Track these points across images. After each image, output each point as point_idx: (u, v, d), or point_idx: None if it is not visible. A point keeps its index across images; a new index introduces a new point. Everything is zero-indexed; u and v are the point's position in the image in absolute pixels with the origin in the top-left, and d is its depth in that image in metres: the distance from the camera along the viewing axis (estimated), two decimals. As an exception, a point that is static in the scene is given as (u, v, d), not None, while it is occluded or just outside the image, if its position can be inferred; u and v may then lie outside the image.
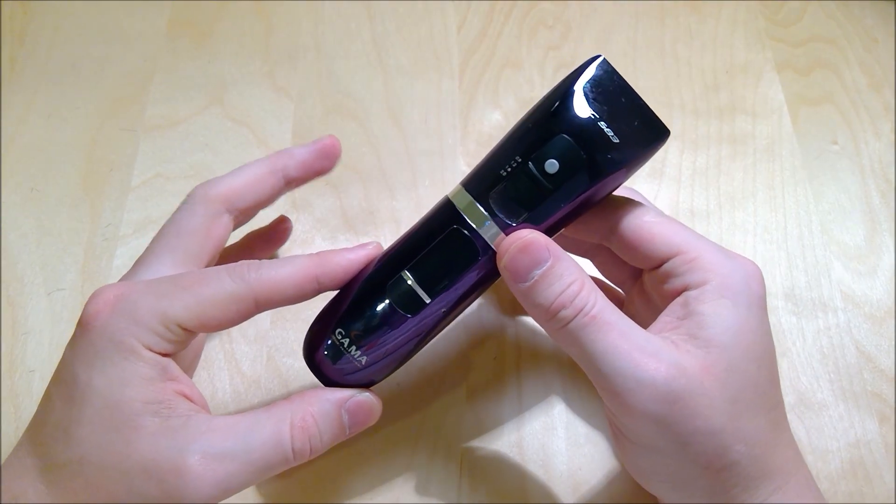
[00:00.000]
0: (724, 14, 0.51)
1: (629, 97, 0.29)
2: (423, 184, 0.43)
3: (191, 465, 0.26)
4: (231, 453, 0.26)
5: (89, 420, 0.26)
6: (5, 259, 0.40)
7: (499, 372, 0.37)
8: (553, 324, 0.28)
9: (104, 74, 0.47)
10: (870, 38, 0.50)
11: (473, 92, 0.47)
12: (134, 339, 0.27)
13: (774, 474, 0.28)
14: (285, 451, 0.27)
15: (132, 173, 0.43)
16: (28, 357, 0.37)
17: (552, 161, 0.28)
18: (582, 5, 0.51)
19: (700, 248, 0.29)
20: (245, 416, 0.28)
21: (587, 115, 0.28)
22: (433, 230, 0.30)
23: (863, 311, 0.40)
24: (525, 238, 0.28)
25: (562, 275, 0.27)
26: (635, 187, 0.44)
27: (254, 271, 0.28)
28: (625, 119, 0.28)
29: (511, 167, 0.29)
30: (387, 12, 0.50)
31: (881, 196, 0.44)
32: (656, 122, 0.29)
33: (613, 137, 0.28)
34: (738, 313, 0.28)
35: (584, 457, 0.35)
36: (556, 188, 0.28)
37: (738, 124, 0.46)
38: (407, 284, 0.29)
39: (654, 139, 0.29)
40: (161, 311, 0.27)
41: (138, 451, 0.26)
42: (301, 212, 0.42)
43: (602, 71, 0.29)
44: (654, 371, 0.26)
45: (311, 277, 0.29)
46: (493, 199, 0.29)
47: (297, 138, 0.45)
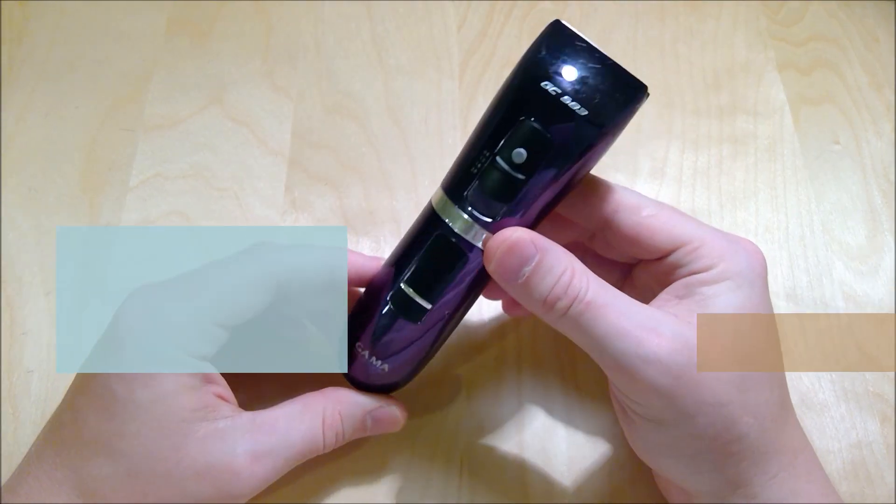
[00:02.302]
0: (724, 13, 0.51)
1: (594, 59, 0.26)
2: (422, 184, 0.43)
3: (241, 463, 0.27)
4: (275, 450, 0.28)
5: (135, 434, 0.27)
6: (4, 259, 0.40)
7: (499, 372, 0.37)
8: (551, 315, 0.27)
9: (104, 74, 0.47)
10: (871, 37, 0.49)
11: (473, 92, 0.47)
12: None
13: (783, 451, 0.28)
14: (318, 445, 0.30)
15: (131, 173, 0.43)
16: (27, 357, 0.37)
17: (519, 151, 0.27)
18: (582, 5, 0.51)
19: (703, 237, 0.29)
20: (283, 410, 0.30)
21: (547, 92, 0.26)
22: (420, 238, 0.29)
23: (864, 310, 0.40)
24: (509, 239, 0.27)
25: (552, 266, 0.27)
26: (636, 188, 0.44)
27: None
28: (592, 85, 0.26)
29: (481, 163, 0.27)
30: (387, 12, 0.50)
31: (883, 196, 0.44)
32: (629, 79, 0.26)
33: (581, 110, 0.26)
34: (741, 291, 0.28)
35: (584, 457, 0.35)
36: (529, 177, 0.27)
37: (740, 124, 0.46)
38: (407, 295, 0.29)
39: (630, 100, 0.26)
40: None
41: (190, 455, 0.27)
42: (301, 212, 0.42)
43: (560, 36, 0.26)
44: (657, 346, 0.26)
45: (327, 267, 0.30)
46: (470, 199, 0.28)
47: (296, 138, 0.44)
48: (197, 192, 0.42)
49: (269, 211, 0.42)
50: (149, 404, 0.27)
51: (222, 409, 0.28)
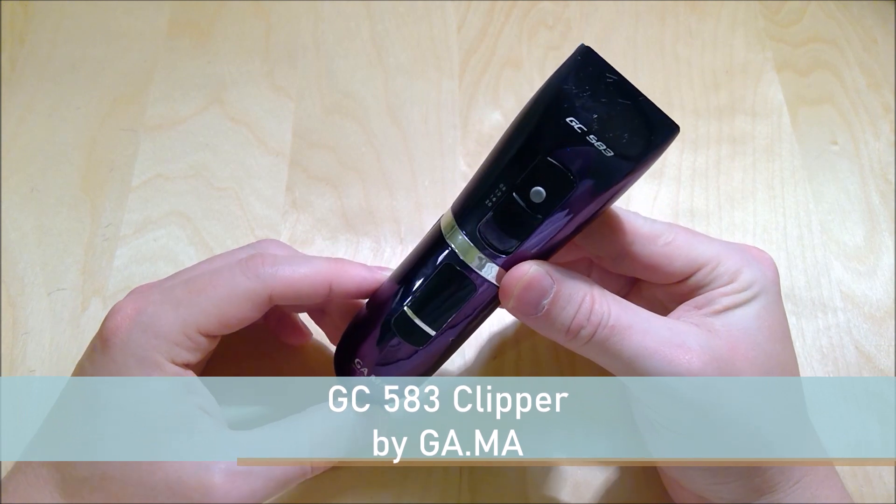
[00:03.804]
0: (724, 14, 0.51)
1: (625, 94, 0.24)
2: (422, 184, 0.43)
3: (216, 482, 0.26)
4: (255, 471, 0.27)
5: (113, 436, 0.27)
6: (5, 259, 0.40)
7: (499, 372, 0.37)
8: (575, 343, 0.27)
9: (104, 74, 0.47)
10: (869, 38, 0.50)
11: (473, 92, 0.47)
12: (157, 353, 0.27)
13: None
14: (303, 469, 0.28)
15: (132, 173, 0.43)
16: (28, 357, 0.37)
17: (538, 189, 0.25)
18: (582, 5, 0.51)
19: (719, 256, 0.29)
20: (267, 432, 0.28)
21: (573, 129, 0.24)
22: (428, 263, 0.28)
23: (862, 311, 0.40)
24: (525, 277, 0.26)
25: (571, 296, 0.27)
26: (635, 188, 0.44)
27: (269, 266, 0.29)
28: (620, 122, 0.24)
29: (496, 197, 0.26)
30: (387, 11, 0.50)
31: (881, 196, 0.44)
32: (660, 118, 0.24)
33: (606, 151, 0.24)
34: (759, 300, 0.28)
35: (585, 443, 0.35)
36: (546, 216, 0.25)
37: (738, 124, 0.46)
38: (410, 320, 0.28)
39: (660, 140, 0.24)
40: (181, 320, 0.27)
41: (163, 468, 0.26)
42: (301, 212, 0.42)
43: (589, 66, 0.24)
44: (688, 363, 0.26)
45: (325, 281, 0.29)
46: (483, 231, 0.26)
47: (296, 138, 0.45)
48: (197, 192, 0.42)
49: (269, 211, 0.42)
50: (129, 408, 0.27)
51: (202, 423, 0.27)
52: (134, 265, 0.40)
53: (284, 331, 0.36)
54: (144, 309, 0.28)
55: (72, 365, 0.30)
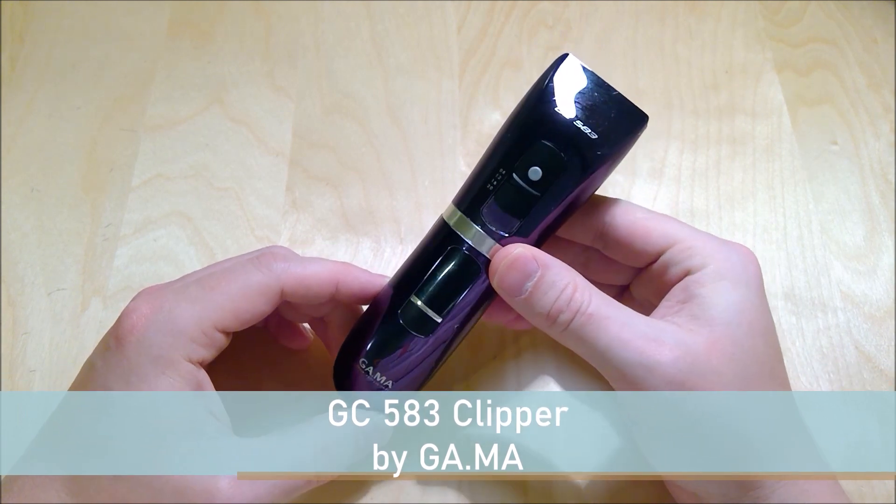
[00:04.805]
0: (723, 14, 0.51)
1: (602, 90, 0.29)
2: (422, 184, 0.43)
3: (221, 487, 0.27)
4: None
5: (124, 436, 0.27)
6: (5, 259, 0.40)
7: (499, 372, 0.38)
8: (554, 328, 0.28)
9: (104, 74, 0.47)
10: (869, 38, 0.50)
11: (473, 92, 0.47)
12: (174, 350, 0.27)
13: (792, 451, 0.28)
14: (308, 477, 0.29)
15: (132, 173, 0.43)
16: (28, 357, 0.37)
17: (535, 168, 0.29)
18: (582, 5, 0.51)
19: (695, 237, 0.30)
20: (274, 439, 0.29)
21: (563, 117, 0.29)
22: (433, 252, 0.31)
23: (862, 311, 0.40)
24: (511, 255, 0.28)
25: (554, 282, 0.28)
26: (635, 188, 0.44)
27: (280, 262, 0.30)
28: (601, 113, 0.29)
29: (496, 180, 0.29)
30: (387, 12, 0.50)
31: (881, 196, 0.44)
32: (633, 109, 0.29)
33: (591, 134, 0.29)
34: (738, 292, 0.28)
35: (584, 457, 0.35)
36: (543, 193, 0.29)
37: (738, 124, 0.46)
38: (417, 308, 0.30)
39: (634, 127, 0.29)
40: (198, 316, 0.28)
41: (171, 472, 0.26)
42: (301, 212, 0.42)
43: (571, 69, 0.30)
44: (659, 355, 0.26)
45: (333, 280, 0.31)
46: (485, 214, 0.30)
47: (297, 138, 0.45)
48: (198, 193, 0.42)
49: (269, 211, 0.42)
50: (140, 408, 0.27)
51: (210, 428, 0.28)
52: (134, 265, 0.40)
53: (286, 335, 0.36)
54: (161, 307, 0.28)
55: (72, 365, 0.30)
